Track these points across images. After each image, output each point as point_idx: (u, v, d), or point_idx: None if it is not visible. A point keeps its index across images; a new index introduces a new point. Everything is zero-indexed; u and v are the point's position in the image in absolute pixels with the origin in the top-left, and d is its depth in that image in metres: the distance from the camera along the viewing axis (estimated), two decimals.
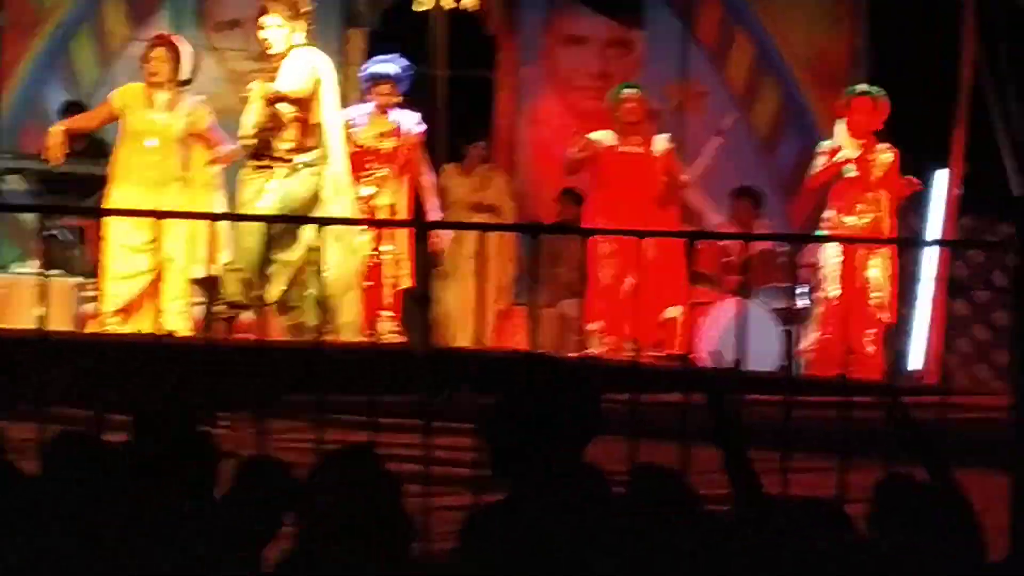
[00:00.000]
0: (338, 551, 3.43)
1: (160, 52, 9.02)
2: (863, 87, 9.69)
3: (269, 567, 3.74)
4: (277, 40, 8.59)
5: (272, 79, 8.57)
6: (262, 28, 8.62)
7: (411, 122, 9.44)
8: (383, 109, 9.44)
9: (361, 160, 9.24)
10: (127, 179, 8.91)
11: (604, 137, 9.59)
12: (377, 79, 9.44)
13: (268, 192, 8.53)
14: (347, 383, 6.26)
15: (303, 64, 8.60)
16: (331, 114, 8.70)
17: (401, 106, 9.45)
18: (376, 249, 9.19)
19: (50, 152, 8.96)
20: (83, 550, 3.66)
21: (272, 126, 8.55)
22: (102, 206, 9.00)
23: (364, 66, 9.69)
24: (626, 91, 9.63)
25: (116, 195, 8.91)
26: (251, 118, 8.55)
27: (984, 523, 3.64)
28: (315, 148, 8.61)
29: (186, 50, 9.08)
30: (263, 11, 8.61)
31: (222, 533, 3.80)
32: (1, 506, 3.80)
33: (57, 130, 9.07)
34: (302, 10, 8.62)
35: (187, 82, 9.10)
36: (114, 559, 3.66)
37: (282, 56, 8.60)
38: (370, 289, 8.97)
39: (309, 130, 8.61)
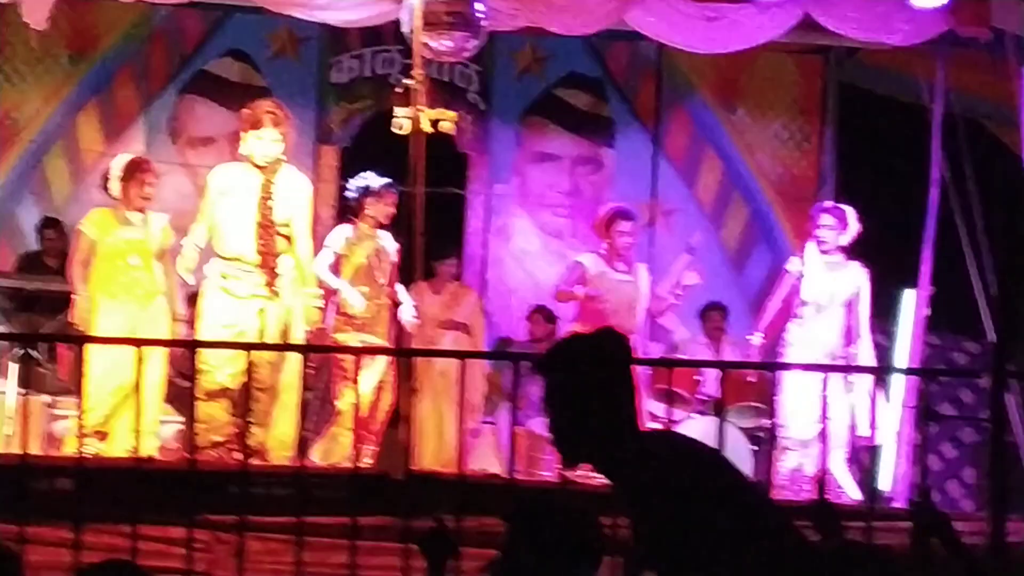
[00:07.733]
0: None
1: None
2: (828, 203, 9.81)
3: None
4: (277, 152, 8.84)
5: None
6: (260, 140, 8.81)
7: (391, 240, 9.38)
8: (377, 226, 9.39)
9: (361, 278, 9.29)
10: (114, 297, 9.01)
11: (593, 263, 9.66)
12: (380, 192, 9.33)
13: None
14: (325, 506, 6.26)
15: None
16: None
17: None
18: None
19: None
20: None
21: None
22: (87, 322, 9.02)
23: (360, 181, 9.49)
24: (624, 223, 9.63)
25: (104, 312, 8.99)
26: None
27: None
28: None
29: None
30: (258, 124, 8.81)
31: None
32: None
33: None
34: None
35: None
36: None
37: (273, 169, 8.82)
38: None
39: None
